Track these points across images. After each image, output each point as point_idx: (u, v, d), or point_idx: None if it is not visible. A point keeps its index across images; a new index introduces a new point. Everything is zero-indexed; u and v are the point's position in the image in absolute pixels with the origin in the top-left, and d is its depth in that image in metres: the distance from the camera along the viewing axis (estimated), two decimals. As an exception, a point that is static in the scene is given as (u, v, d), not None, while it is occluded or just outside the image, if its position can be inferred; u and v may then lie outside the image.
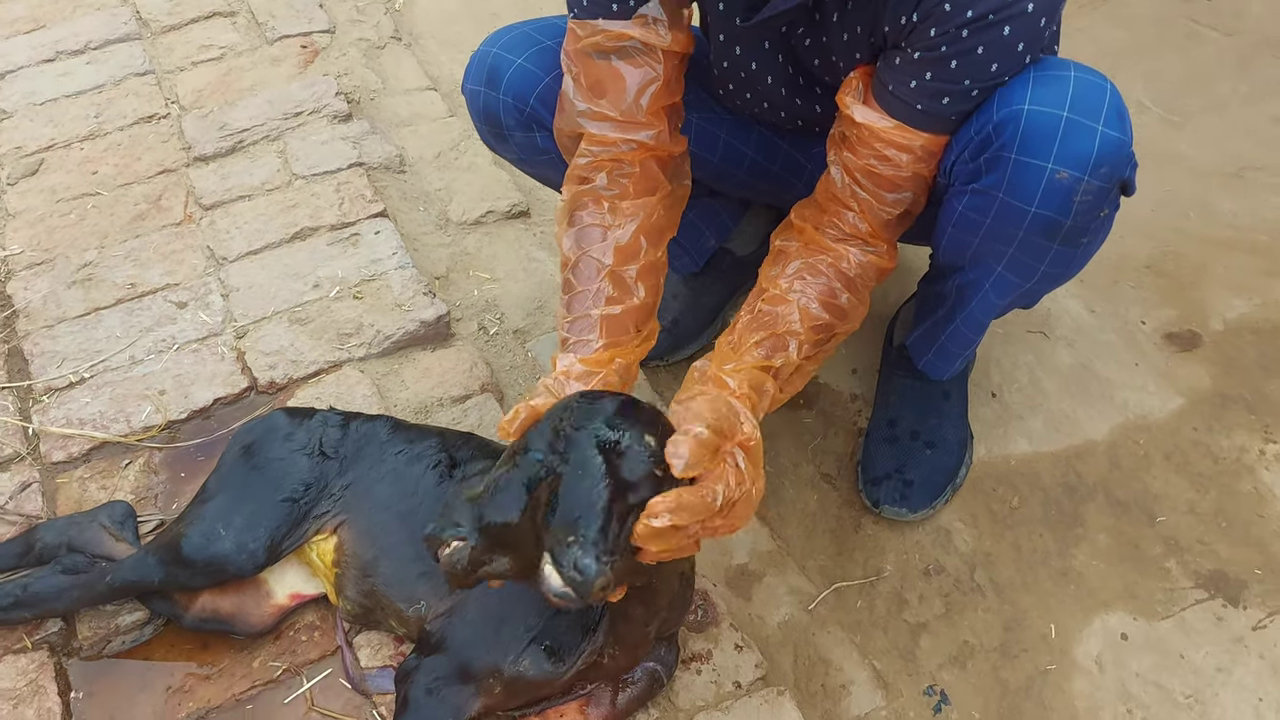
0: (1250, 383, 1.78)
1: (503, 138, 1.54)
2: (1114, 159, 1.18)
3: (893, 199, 1.30)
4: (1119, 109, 1.18)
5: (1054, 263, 1.31)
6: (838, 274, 1.33)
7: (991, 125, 1.20)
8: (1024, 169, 1.19)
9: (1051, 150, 1.17)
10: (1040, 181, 1.19)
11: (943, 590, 1.54)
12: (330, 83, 2.29)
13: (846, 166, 1.31)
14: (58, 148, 2.15)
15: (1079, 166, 1.17)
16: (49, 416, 1.63)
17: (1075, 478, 1.67)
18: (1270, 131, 2.26)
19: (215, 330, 1.78)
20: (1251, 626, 1.48)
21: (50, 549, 1.41)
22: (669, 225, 1.40)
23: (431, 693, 1.20)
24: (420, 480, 1.37)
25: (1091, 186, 1.19)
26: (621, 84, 1.32)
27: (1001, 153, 1.20)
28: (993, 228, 1.27)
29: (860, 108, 1.27)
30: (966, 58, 1.17)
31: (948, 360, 1.60)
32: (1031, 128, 1.17)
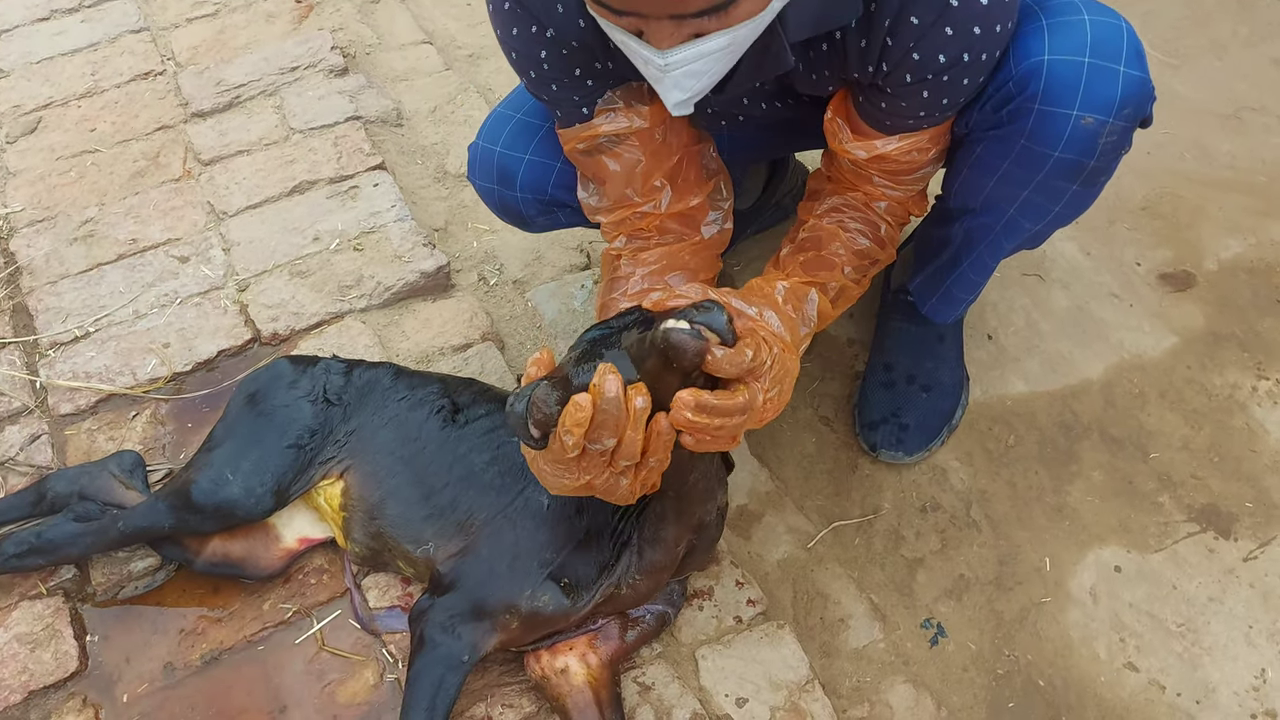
0: (1244, 321, 1.80)
1: (526, 223, 1.56)
2: (1137, 98, 1.18)
3: (911, 179, 1.35)
4: (1137, 47, 1.18)
5: (1068, 204, 1.32)
6: (871, 209, 1.38)
7: (1012, 81, 1.19)
8: (1049, 118, 1.19)
9: (1076, 98, 1.17)
10: (1066, 128, 1.19)
11: (939, 527, 1.56)
12: (325, 37, 2.29)
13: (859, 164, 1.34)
14: (55, 106, 2.15)
15: (1104, 110, 1.17)
16: (55, 370, 1.66)
17: (1071, 416, 1.69)
18: (1269, 73, 2.26)
19: (217, 284, 1.79)
20: (1242, 558, 1.51)
21: (62, 498, 1.44)
22: (700, 267, 1.41)
23: (448, 630, 1.23)
24: (424, 425, 1.39)
25: (1116, 128, 1.19)
26: (610, 176, 1.34)
27: (1025, 104, 1.19)
28: (1011, 171, 1.27)
29: (859, 144, 1.29)
30: (952, 85, 1.18)
31: (953, 305, 1.61)
32: (1054, 78, 1.17)
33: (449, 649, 1.22)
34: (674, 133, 1.35)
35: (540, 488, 1.23)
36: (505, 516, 1.30)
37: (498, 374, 1.66)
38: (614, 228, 1.41)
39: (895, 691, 1.39)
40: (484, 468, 1.34)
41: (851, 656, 1.42)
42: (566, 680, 1.27)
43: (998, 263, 1.51)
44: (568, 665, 1.28)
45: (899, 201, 1.38)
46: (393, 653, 1.34)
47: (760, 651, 1.35)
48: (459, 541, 1.31)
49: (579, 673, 1.27)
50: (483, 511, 1.31)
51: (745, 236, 1.94)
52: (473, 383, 1.49)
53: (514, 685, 1.32)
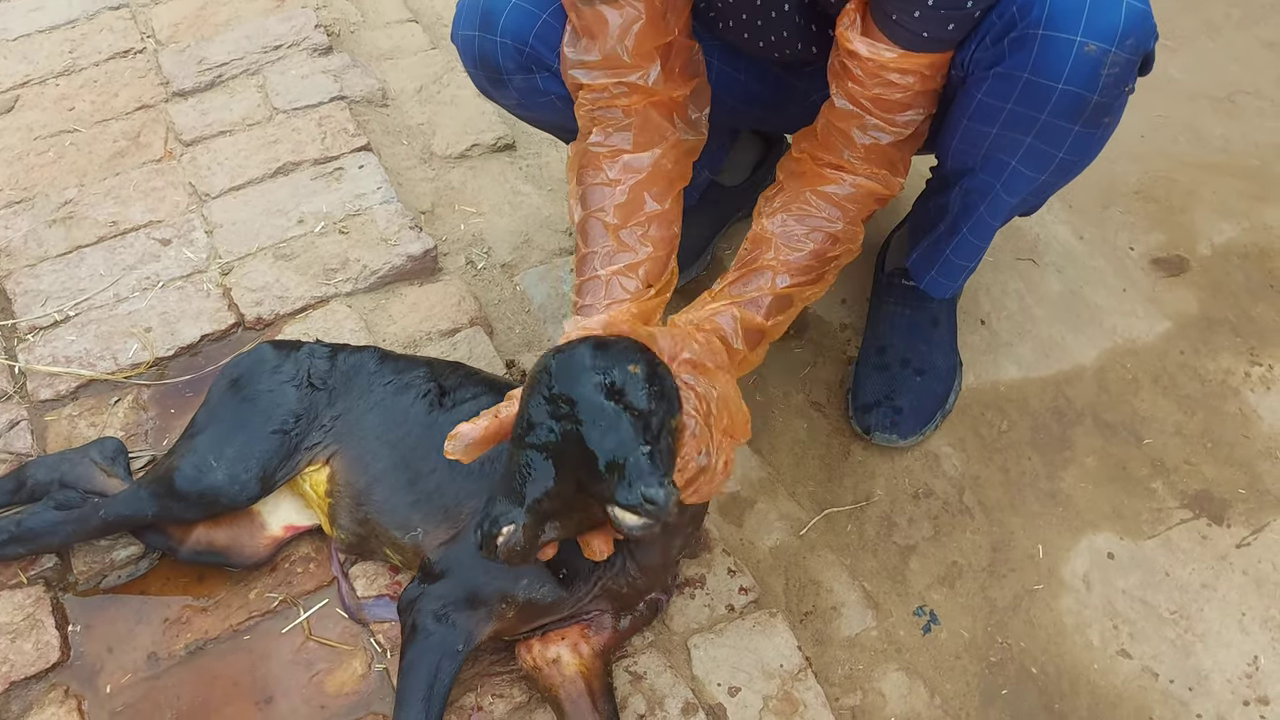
0: (1237, 306, 1.79)
1: (501, 83, 1.47)
2: (1140, 30, 1.17)
3: (904, 119, 1.30)
4: None
5: (1072, 149, 1.29)
6: (827, 201, 1.33)
7: (1015, 7, 1.19)
8: (1052, 44, 1.18)
9: (1080, 23, 1.16)
10: (1069, 55, 1.17)
11: (932, 513, 1.55)
12: (309, 15, 2.25)
13: (852, 96, 1.29)
14: (33, 84, 2.11)
15: (1107, 38, 1.16)
16: (35, 355, 1.62)
17: (1064, 402, 1.68)
18: (1263, 56, 2.24)
19: (200, 267, 1.76)
20: (1235, 544, 1.50)
21: (42, 485, 1.41)
22: (679, 175, 1.37)
23: (441, 619, 1.21)
24: (410, 409, 1.37)
25: (1119, 58, 1.18)
26: (605, 28, 1.29)
27: (1028, 31, 1.18)
28: (1014, 113, 1.25)
29: (861, 40, 1.25)
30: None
31: (952, 276, 1.58)
32: (1059, 2, 1.16)
33: (443, 637, 1.21)
34: (674, 14, 1.31)
35: None
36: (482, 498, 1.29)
37: (486, 359, 1.64)
38: (591, 103, 1.34)
39: (888, 679, 1.38)
40: None
41: (844, 644, 1.41)
42: (559, 670, 1.25)
43: (999, 224, 1.48)
44: (560, 655, 1.26)
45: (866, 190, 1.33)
46: (381, 642, 1.32)
47: (752, 640, 1.34)
48: (448, 528, 1.29)
49: (571, 663, 1.26)
50: (472, 499, 1.29)
51: (737, 218, 1.92)
52: (459, 366, 1.46)
53: (505, 674, 1.30)
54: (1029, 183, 1.35)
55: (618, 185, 1.32)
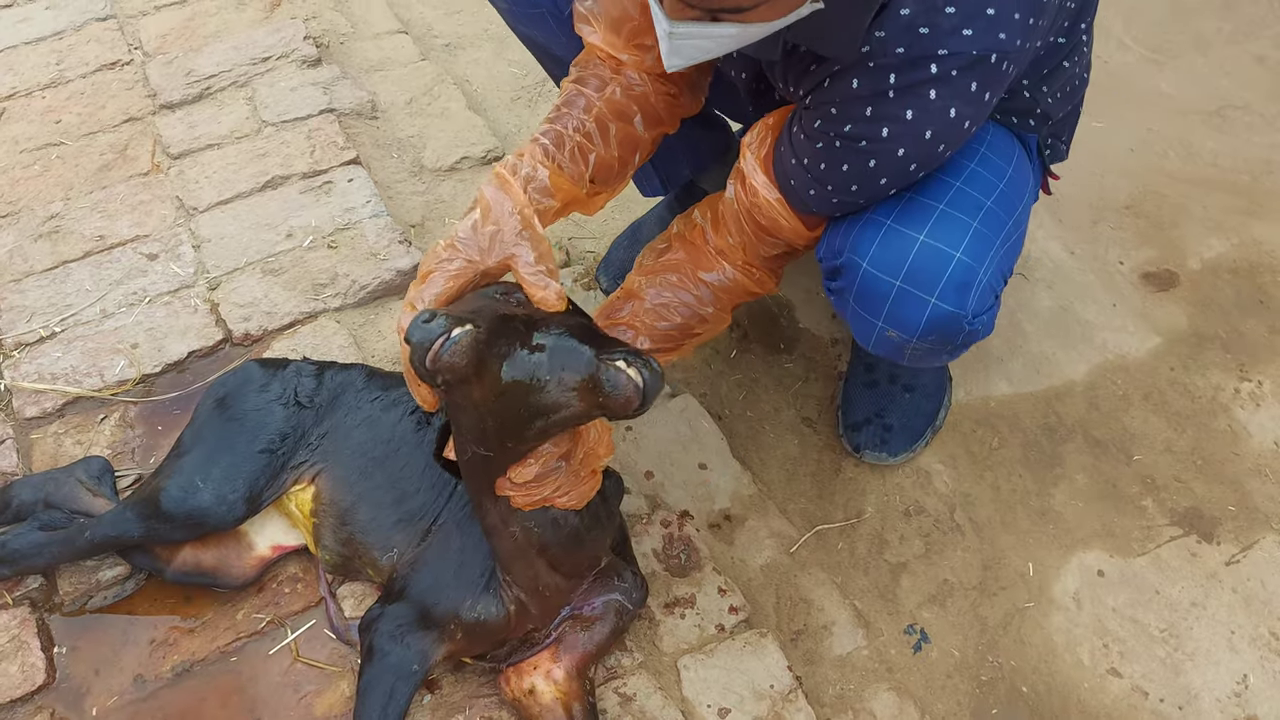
0: (1227, 322, 1.79)
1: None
2: (944, 329, 1.20)
3: (770, 242, 1.33)
4: (963, 280, 1.18)
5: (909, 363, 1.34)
6: (705, 286, 1.35)
7: (839, 262, 1.24)
8: (859, 317, 1.25)
9: (882, 312, 1.22)
10: (872, 332, 1.25)
11: (923, 531, 1.55)
12: (298, 26, 2.24)
13: (737, 198, 1.31)
14: (19, 96, 2.09)
15: (908, 331, 1.21)
16: (20, 372, 1.61)
17: (1054, 418, 1.68)
18: (1252, 70, 2.25)
19: (187, 282, 1.75)
20: (1225, 562, 1.50)
21: (27, 506, 1.40)
22: (667, 119, 1.36)
23: (396, 639, 1.21)
24: (397, 426, 1.36)
25: (921, 346, 1.23)
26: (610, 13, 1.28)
27: (844, 293, 1.25)
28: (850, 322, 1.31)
29: (751, 163, 1.28)
30: (834, 165, 1.17)
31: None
32: (866, 288, 1.21)
33: (399, 658, 1.21)
34: None
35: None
36: (455, 523, 1.29)
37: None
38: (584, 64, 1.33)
39: (879, 699, 1.38)
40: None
41: (835, 664, 1.41)
42: (536, 701, 1.25)
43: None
44: (534, 685, 1.26)
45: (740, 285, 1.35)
46: (369, 664, 1.31)
47: (743, 660, 1.33)
48: (415, 549, 1.29)
49: (546, 691, 1.26)
50: (441, 517, 1.29)
51: None
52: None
53: (493, 696, 1.29)
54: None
55: (618, 86, 1.30)
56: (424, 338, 1.00)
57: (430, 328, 1.00)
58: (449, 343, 0.99)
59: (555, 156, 1.24)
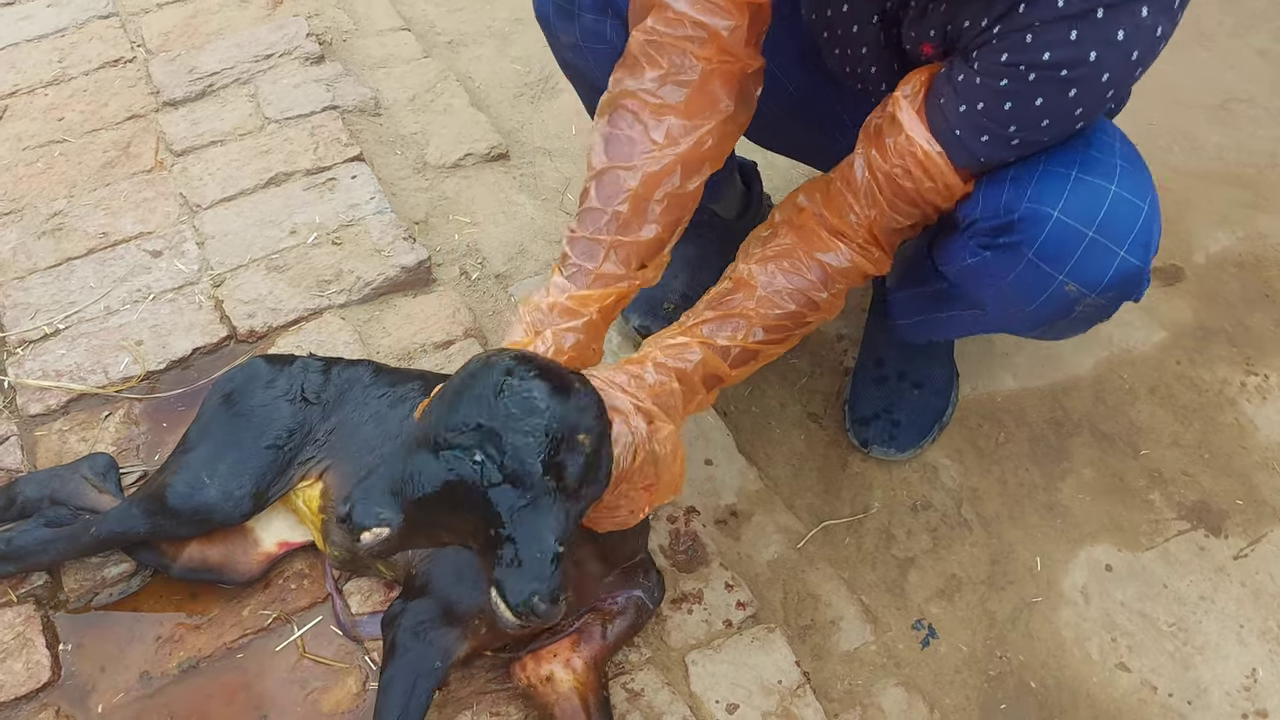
0: (1232, 315, 1.79)
1: (570, 15, 1.35)
2: (1126, 284, 1.15)
3: (905, 210, 1.24)
4: (1148, 234, 1.14)
5: (1042, 335, 1.32)
6: (820, 268, 1.27)
7: (1016, 215, 1.15)
8: (1035, 271, 1.16)
9: (1068, 264, 1.14)
10: (1048, 288, 1.17)
11: (930, 525, 1.55)
12: (301, 24, 2.23)
13: (871, 165, 1.23)
14: (21, 94, 2.09)
15: (1089, 285, 1.15)
16: (25, 369, 1.61)
17: (1061, 413, 1.67)
18: (1256, 63, 2.25)
19: (191, 279, 1.74)
20: (1233, 555, 1.50)
21: (32, 502, 1.39)
22: (716, 156, 1.27)
23: (418, 635, 1.21)
24: (405, 421, 1.35)
25: (1097, 303, 1.18)
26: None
27: (1020, 246, 1.16)
28: (994, 293, 1.25)
29: (908, 111, 1.19)
30: (1021, 103, 1.10)
31: (923, 335, 1.55)
32: (1054, 237, 1.13)
33: (421, 655, 1.20)
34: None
35: None
36: None
37: (481, 370, 1.63)
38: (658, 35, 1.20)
39: (887, 694, 1.37)
40: None
41: (843, 659, 1.40)
42: (553, 688, 1.24)
43: (972, 334, 1.48)
44: (553, 673, 1.25)
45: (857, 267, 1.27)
46: (375, 660, 1.31)
47: (751, 655, 1.33)
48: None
49: (565, 679, 1.25)
50: None
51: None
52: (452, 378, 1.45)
53: (501, 692, 1.29)
54: (1004, 330, 1.37)
55: (654, 150, 1.22)
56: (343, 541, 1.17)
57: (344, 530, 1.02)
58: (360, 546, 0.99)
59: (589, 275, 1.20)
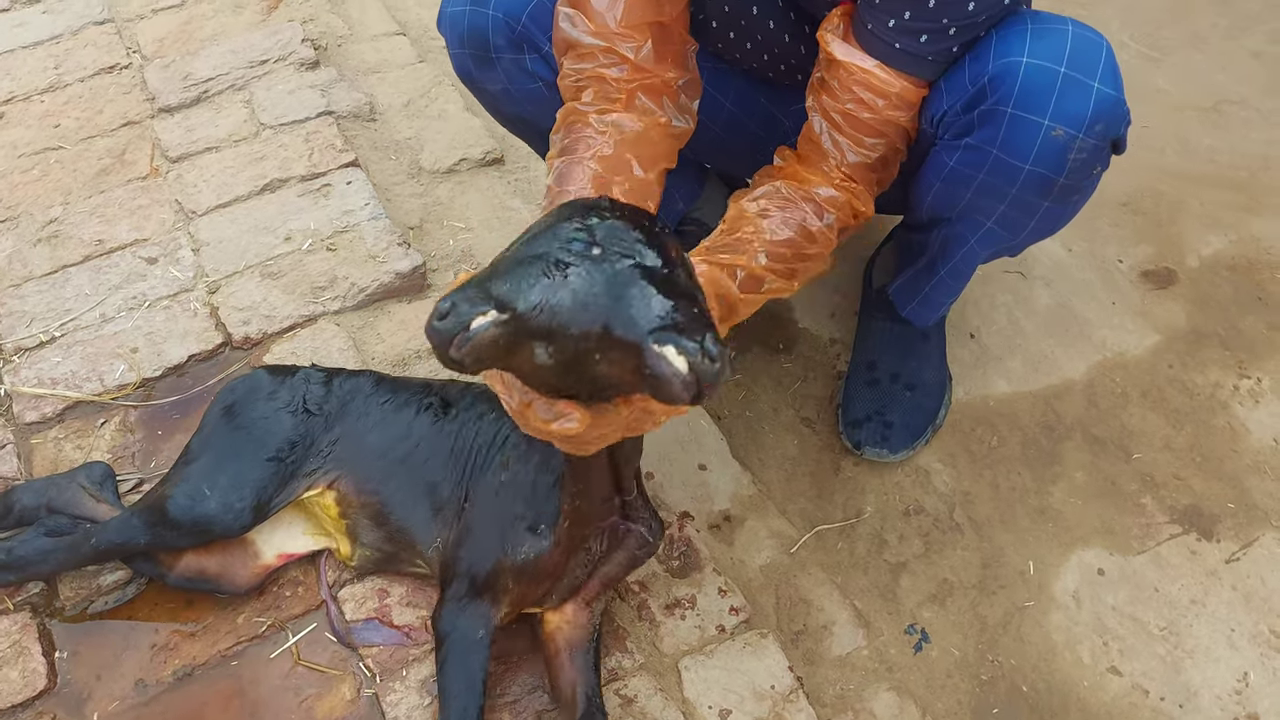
0: (1225, 319, 1.80)
1: (489, 62, 1.41)
2: (1109, 116, 1.17)
3: (871, 143, 1.28)
4: (1114, 67, 1.17)
5: (1043, 219, 1.31)
6: (809, 200, 1.28)
7: (987, 77, 1.18)
8: (1020, 124, 1.18)
9: (1049, 107, 1.16)
10: (1037, 138, 1.18)
11: (922, 530, 1.55)
12: (296, 29, 2.24)
13: (825, 110, 1.28)
14: (17, 101, 2.09)
15: (1075, 124, 1.16)
16: (20, 376, 1.61)
17: (1053, 417, 1.68)
18: (1249, 65, 2.25)
19: (186, 286, 1.75)
20: (1225, 559, 1.50)
21: (30, 511, 1.40)
22: (664, 154, 1.30)
23: (456, 614, 1.24)
24: (413, 423, 1.36)
25: (1086, 144, 1.18)
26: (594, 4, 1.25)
27: (998, 106, 1.18)
28: (985, 183, 1.25)
29: (840, 44, 1.25)
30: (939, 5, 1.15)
31: (932, 309, 1.59)
32: (1029, 82, 1.15)
33: (463, 630, 1.23)
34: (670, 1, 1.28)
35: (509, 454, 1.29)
36: (482, 492, 1.30)
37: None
38: (578, 73, 1.28)
39: (879, 699, 1.38)
40: (476, 452, 1.33)
41: (835, 664, 1.41)
42: (541, 630, 1.30)
43: (974, 268, 1.49)
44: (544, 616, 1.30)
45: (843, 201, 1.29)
46: (370, 666, 1.32)
47: (743, 661, 1.34)
48: (451, 530, 1.31)
49: (551, 619, 1.30)
50: (468, 495, 1.31)
51: None
52: (456, 381, 1.46)
53: (495, 698, 1.30)
54: (1003, 239, 1.37)
55: (604, 137, 1.25)
56: (439, 338, 0.88)
57: (444, 326, 0.88)
58: (465, 339, 0.88)
59: None
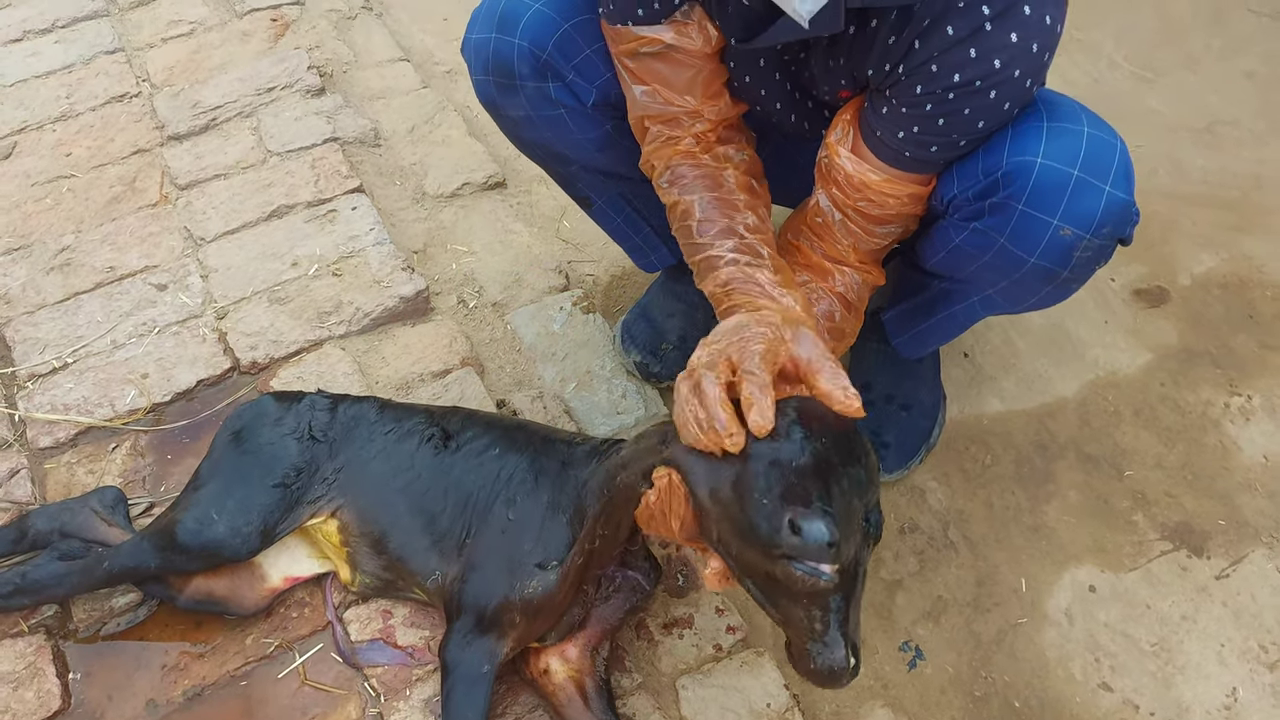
0: (1216, 337, 1.82)
1: (513, 89, 1.41)
2: (1117, 219, 1.19)
3: (882, 232, 1.32)
4: (1127, 168, 1.19)
5: (1042, 299, 1.35)
6: (836, 297, 1.35)
7: (1000, 172, 1.20)
8: (1029, 221, 1.20)
9: (1059, 207, 1.18)
10: (1044, 235, 1.20)
11: (917, 548, 1.58)
12: (302, 57, 2.28)
13: (835, 201, 1.31)
14: (30, 130, 2.14)
15: (1083, 225, 1.18)
16: (34, 402, 1.65)
17: (1047, 435, 1.71)
18: (1242, 86, 2.28)
19: (195, 312, 1.79)
20: (1215, 576, 1.53)
21: (43, 535, 1.44)
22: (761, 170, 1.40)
23: (462, 648, 1.27)
24: (415, 454, 1.39)
25: (1093, 244, 1.21)
26: (667, 80, 1.32)
27: (1009, 201, 1.20)
28: (990, 263, 1.28)
29: (849, 157, 1.27)
30: (953, 117, 1.17)
31: (923, 345, 1.60)
32: (1042, 182, 1.17)
33: (468, 666, 1.26)
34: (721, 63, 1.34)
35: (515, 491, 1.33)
36: (488, 528, 1.33)
37: (477, 399, 1.67)
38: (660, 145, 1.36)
39: (874, 716, 1.40)
40: (478, 488, 1.36)
41: (831, 681, 1.44)
42: (550, 680, 1.31)
43: (973, 323, 1.51)
44: (549, 665, 1.32)
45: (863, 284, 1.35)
46: (374, 686, 1.35)
47: (740, 679, 1.36)
48: (460, 563, 1.34)
49: (560, 670, 1.31)
50: (475, 528, 1.34)
51: None
52: (457, 410, 1.49)
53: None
54: (1004, 307, 1.40)
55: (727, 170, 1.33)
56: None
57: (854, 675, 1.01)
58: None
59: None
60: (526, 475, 1.34)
